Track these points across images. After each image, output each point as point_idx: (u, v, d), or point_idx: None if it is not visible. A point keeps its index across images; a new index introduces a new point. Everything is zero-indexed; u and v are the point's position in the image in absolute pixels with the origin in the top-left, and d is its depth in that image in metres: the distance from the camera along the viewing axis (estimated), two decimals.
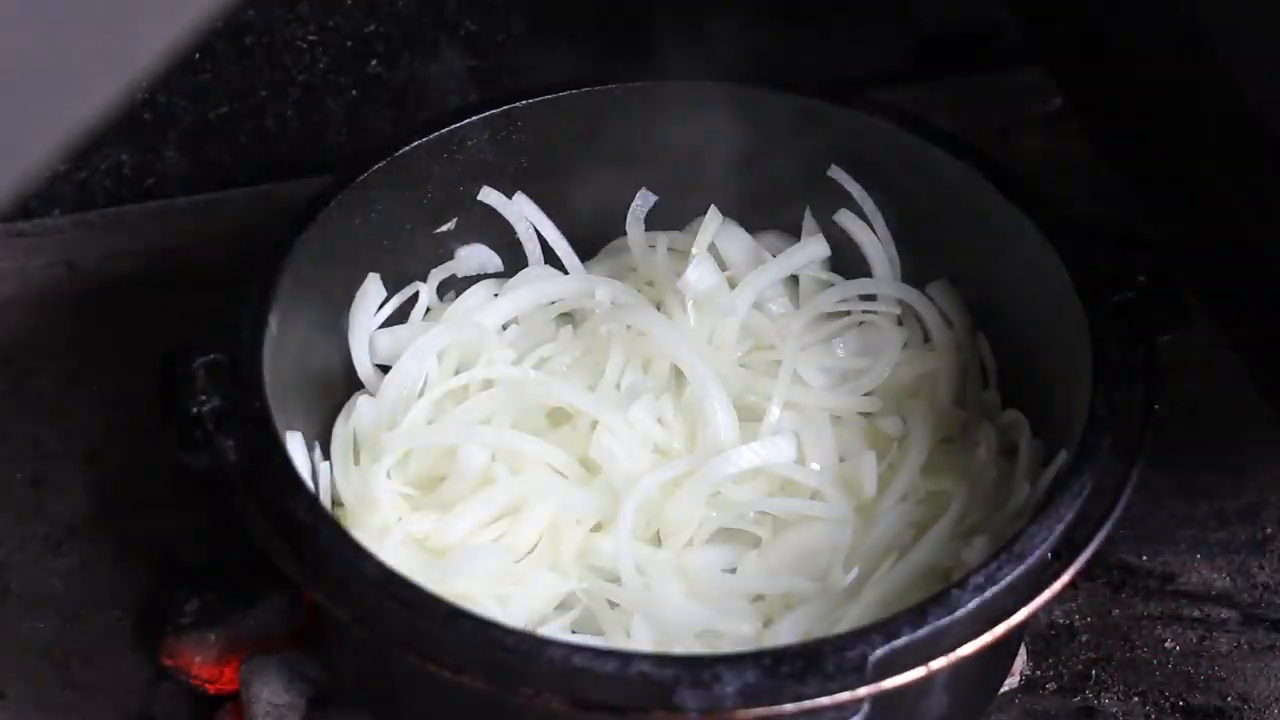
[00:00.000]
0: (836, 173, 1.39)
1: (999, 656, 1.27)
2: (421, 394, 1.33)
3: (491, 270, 1.41)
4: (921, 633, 1.05)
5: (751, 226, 1.43)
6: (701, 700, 1.01)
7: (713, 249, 1.40)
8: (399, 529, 1.24)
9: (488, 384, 1.34)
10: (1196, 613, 1.39)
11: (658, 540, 1.29)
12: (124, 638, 1.37)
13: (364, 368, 1.35)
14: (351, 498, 1.27)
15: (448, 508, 1.27)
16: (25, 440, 1.49)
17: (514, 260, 1.41)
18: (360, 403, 1.31)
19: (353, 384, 1.35)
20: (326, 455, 1.29)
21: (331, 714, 1.29)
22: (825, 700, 1.02)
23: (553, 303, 1.40)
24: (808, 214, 1.42)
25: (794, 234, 1.42)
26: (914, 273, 1.39)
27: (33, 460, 1.47)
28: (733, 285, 1.39)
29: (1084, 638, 1.38)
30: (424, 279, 1.39)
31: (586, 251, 1.44)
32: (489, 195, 1.39)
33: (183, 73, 1.63)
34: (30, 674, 1.35)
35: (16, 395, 1.52)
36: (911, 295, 1.39)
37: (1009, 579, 1.09)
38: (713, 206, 1.40)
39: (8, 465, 1.47)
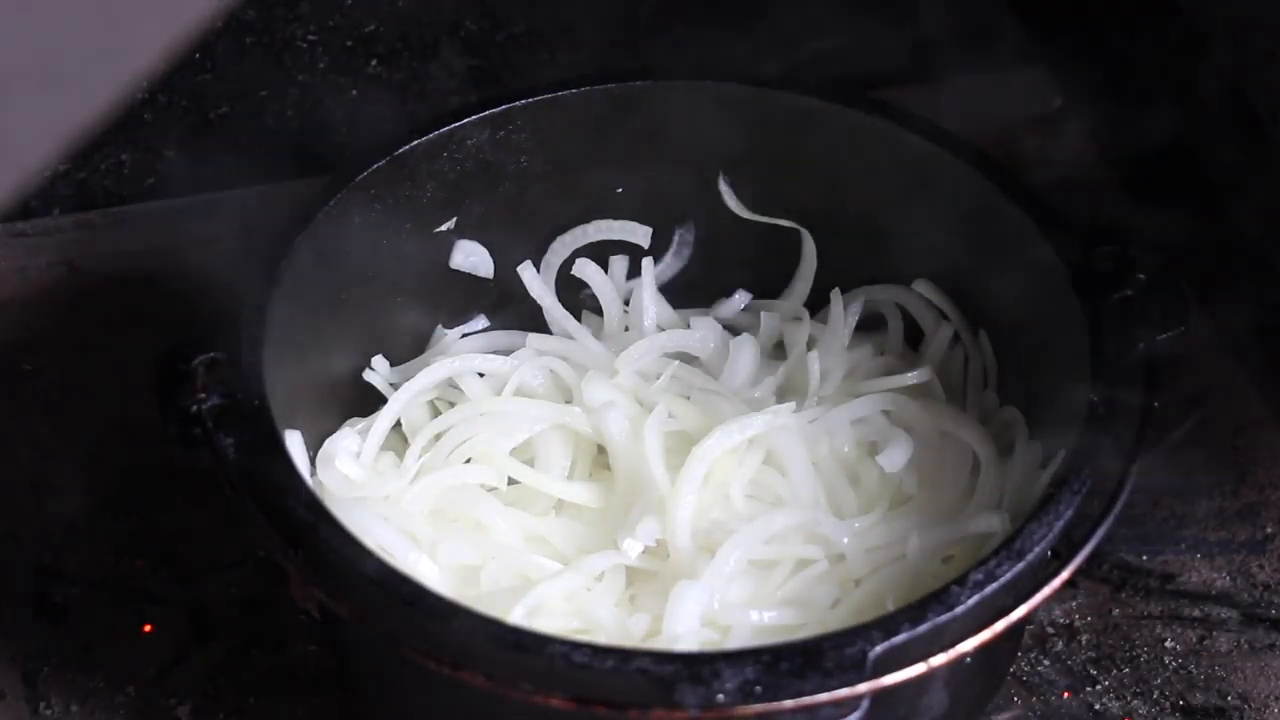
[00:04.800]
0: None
1: (998, 654, 1.27)
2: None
3: (482, 273, 1.41)
4: (921, 629, 1.05)
5: (751, 226, 1.42)
6: (701, 697, 1.01)
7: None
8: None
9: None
10: (1196, 613, 1.39)
11: None
12: (124, 638, 1.37)
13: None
14: None
15: None
16: (25, 440, 1.49)
17: (509, 261, 1.41)
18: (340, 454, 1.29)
19: (352, 384, 1.35)
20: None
21: None
22: (825, 697, 1.02)
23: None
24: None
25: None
26: (912, 273, 1.39)
27: (33, 460, 1.47)
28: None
29: (1084, 638, 1.37)
30: (419, 277, 1.38)
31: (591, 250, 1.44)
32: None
33: (183, 73, 1.63)
34: (31, 674, 1.35)
35: (16, 395, 1.52)
36: (908, 296, 1.39)
37: (1008, 576, 1.09)
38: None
39: (8, 465, 1.47)
